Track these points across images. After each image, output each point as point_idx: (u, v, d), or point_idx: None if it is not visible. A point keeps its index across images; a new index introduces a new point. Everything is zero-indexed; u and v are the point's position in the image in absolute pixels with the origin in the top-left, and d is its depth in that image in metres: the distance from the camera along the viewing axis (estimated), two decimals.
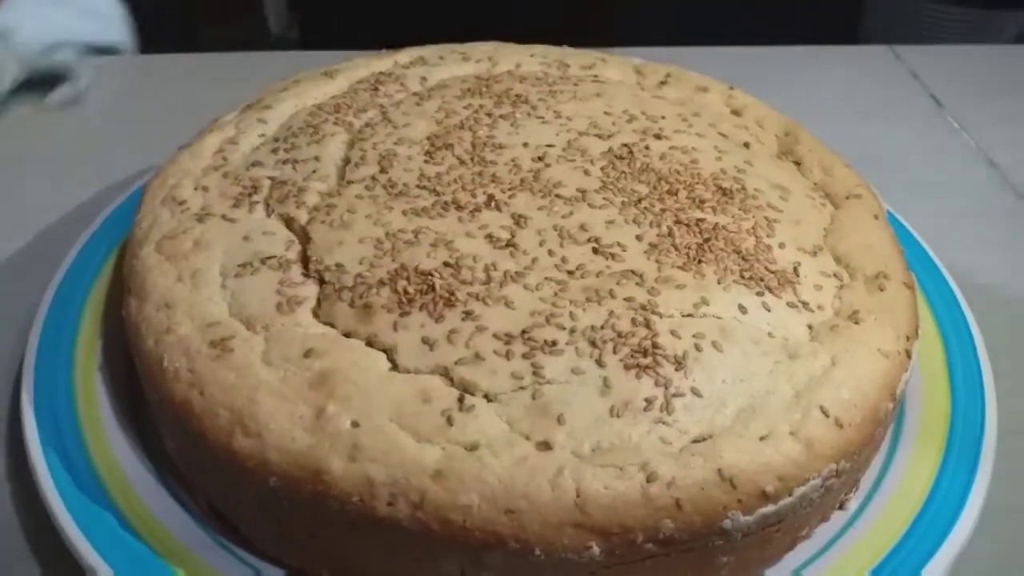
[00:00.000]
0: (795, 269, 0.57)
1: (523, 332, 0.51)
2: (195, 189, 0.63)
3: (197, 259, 0.57)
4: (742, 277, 0.55)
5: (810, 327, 0.55)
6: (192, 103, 0.80)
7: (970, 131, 1.00)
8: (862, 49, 1.24)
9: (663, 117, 0.69)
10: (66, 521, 0.51)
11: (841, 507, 0.56)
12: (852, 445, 0.51)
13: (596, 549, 0.46)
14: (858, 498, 0.57)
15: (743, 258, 0.57)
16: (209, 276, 0.56)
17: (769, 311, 0.54)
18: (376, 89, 0.72)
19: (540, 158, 0.63)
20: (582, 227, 0.58)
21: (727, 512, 0.47)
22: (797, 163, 0.69)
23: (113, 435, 0.57)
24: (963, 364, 0.64)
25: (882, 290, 0.58)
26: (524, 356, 0.50)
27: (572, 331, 0.51)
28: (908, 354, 0.56)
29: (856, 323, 0.55)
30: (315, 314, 0.53)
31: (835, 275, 0.59)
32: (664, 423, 0.48)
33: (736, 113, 0.74)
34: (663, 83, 0.76)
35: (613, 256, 0.56)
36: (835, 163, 0.69)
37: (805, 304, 0.56)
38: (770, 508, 0.48)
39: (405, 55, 0.78)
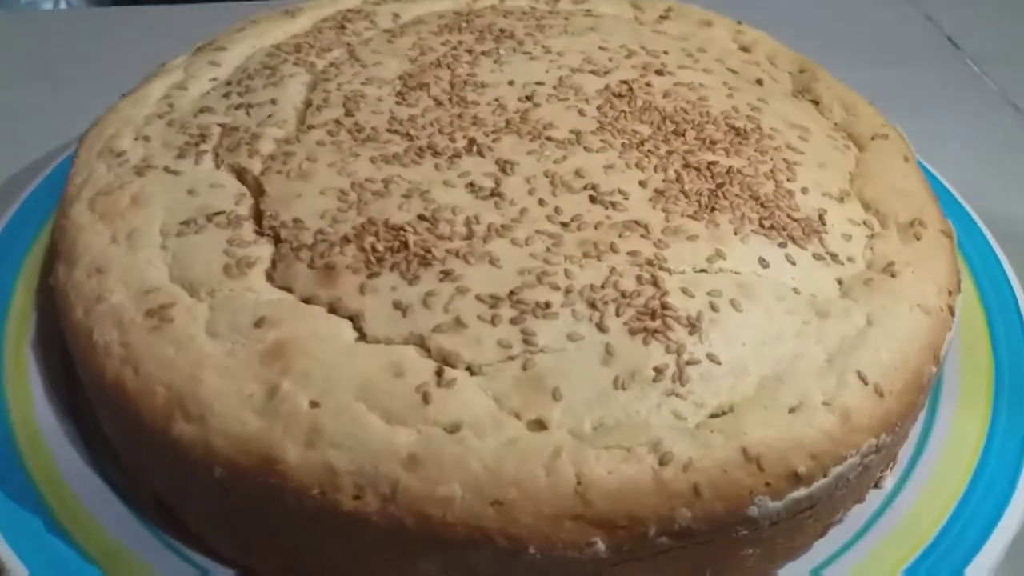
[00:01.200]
0: (821, 217, 0.51)
1: (511, 293, 0.44)
2: (135, 139, 0.55)
3: (135, 217, 0.50)
4: (762, 226, 0.49)
5: (840, 282, 0.48)
6: (149, 59, 0.72)
7: (990, 74, 0.93)
8: None
9: (665, 52, 0.61)
10: None
11: (876, 485, 0.50)
12: (893, 415, 0.45)
13: (600, 545, 0.40)
14: (895, 474, 0.50)
15: (762, 205, 0.50)
16: (148, 236, 0.49)
17: (794, 264, 0.48)
18: (343, 27, 0.64)
19: (528, 97, 0.56)
20: (577, 173, 0.51)
21: (753, 497, 0.41)
22: (815, 102, 0.62)
23: (44, 419, 0.51)
24: (1004, 320, 0.58)
25: (918, 239, 0.52)
26: (512, 321, 0.44)
27: (568, 291, 0.45)
28: (951, 310, 0.50)
29: (892, 276, 0.49)
30: (269, 277, 0.47)
31: (864, 223, 0.52)
32: (677, 395, 0.42)
33: (745, 49, 0.67)
34: (663, 17, 0.68)
35: (613, 205, 0.49)
36: (857, 101, 0.63)
37: (834, 256, 0.49)
38: (802, 492, 0.42)
39: None
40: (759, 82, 0.61)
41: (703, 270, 0.46)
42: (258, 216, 0.49)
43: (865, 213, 0.53)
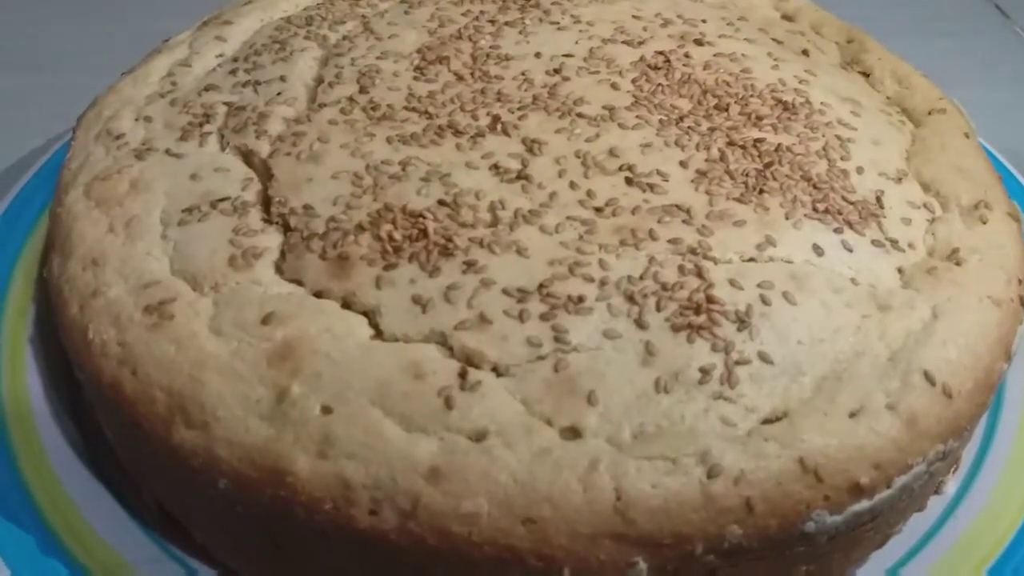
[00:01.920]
0: (878, 199, 0.47)
1: (540, 286, 0.41)
2: (136, 120, 0.52)
3: (133, 204, 0.47)
4: (815, 210, 0.45)
5: (901, 271, 0.45)
6: (161, 35, 0.68)
7: None
8: None
9: (703, 21, 0.57)
10: None
11: (937, 491, 0.46)
12: (963, 419, 0.41)
13: (642, 565, 0.37)
14: (956, 479, 0.47)
15: (814, 186, 0.46)
16: (147, 225, 0.46)
17: (851, 252, 0.44)
18: None
19: (556, 70, 0.52)
20: (611, 152, 0.47)
21: (811, 512, 0.37)
22: (865, 74, 0.58)
23: (41, 419, 0.48)
24: None
25: (983, 223, 0.48)
26: (542, 317, 0.40)
27: (603, 283, 0.41)
28: (1022, 301, 0.45)
29: (957, 264, 0.45)
30: (278, 269, 0.44)
31: (925, 206, 0.48)
32: (726, 399, 0.39)
33: (788, 18, 0.63)
34: None
35: (652, 187, 0.45)
36: (910, 73, 0.58)
37: (894, 242, 0.45)
38: (864, 504, 0.38)
39: None
40: (805, 52, 0.57)
41: (752, 259, 0.43)
42: (266, 202, 0.46)
43: (925, 195, 0.49)
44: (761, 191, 0.45)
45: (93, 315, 0.42)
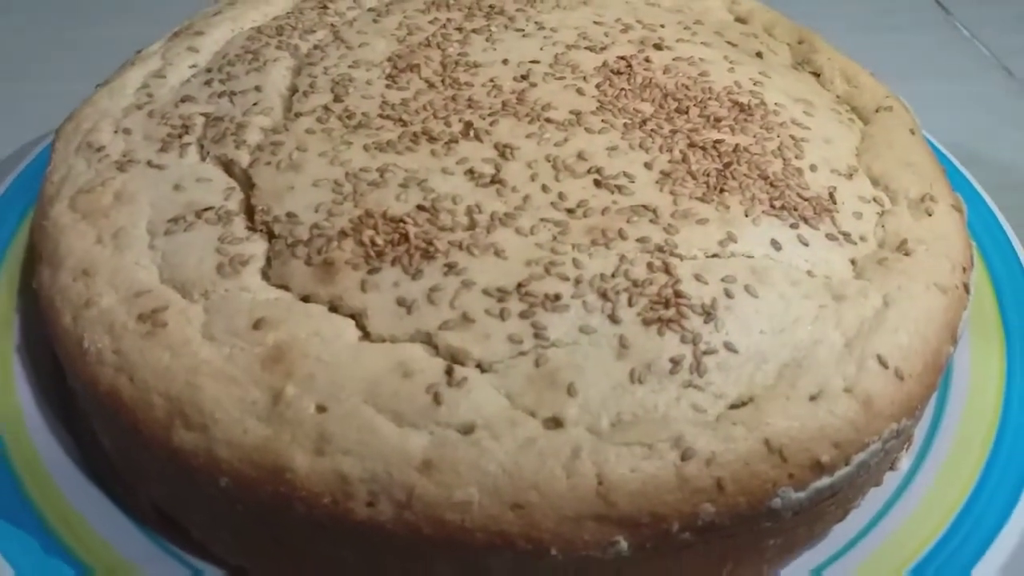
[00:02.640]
0: (831, 195, 0.49)
1: (519, 286, 0.43)
2: (115, 132, 0.53)
3: (119, 216, 0.48)
4: (772, 207, 0.47)
5: (854, 262, 0.47)
6: (117, 43, 0.68)
7: (981, 38, 0.92)
8: None
9: (662, 26, 0.59)
10: None
11: (892, 468, 0.49)
12: (914, 399, 0.44)
13: (623, 544, 0.39)
14: (910, 456, 0.50)
15: (771, 184, 0.48)
16: (134, 235, 0.47)
17: (807, 245, 0.46)
18: (325, 7, 0.62)
19: (524, 76, 0.54)
20: (580, 156, 0.49)
21: (776, 490, 0.40)
22: (816, 74, 0.61)
23: (34, 426, 0.49)
24: (1014, 293, 0.57)
25: (929, 215, 0.50)
26: (522, 315, 0.42)
27: (577, 282, 0.43)
28: (966, 288, 0.49)
29: (906, 255, 0.48)
30: (265, 275, 0.45)
31: (875, 199, 0.51)
32: (696, 387, 0.41)
33: (741, 20, 0.65)
34: None
35: (620, 189, 0.47)
36: (858, 72, 0.61)
37: (846, 235, 0.48)
38: (825, 481, 0.41)
39: None
40: (759, 55, 0.60)
41: (715, 255, 0.45)
42: (249, 211, 0.47)
43: (874, 189, 0.51)
44: (722, 190, 0.47)
45: (87, 325, 0.44)
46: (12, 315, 0.54)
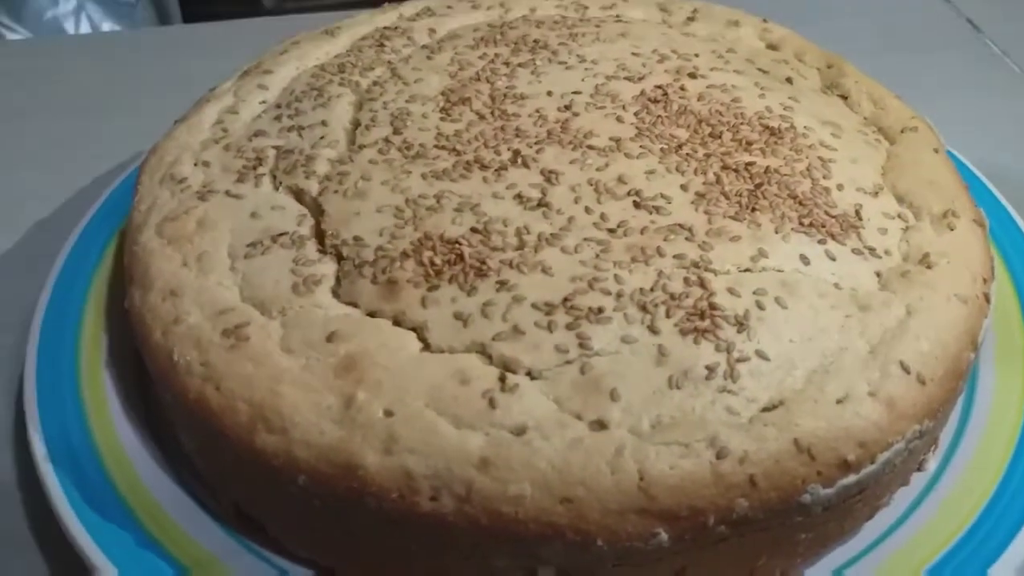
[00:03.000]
0: (857, 212, 0.52)
1: (565, 300, 0.46)
2: (195, 165, 0.58)
3: (202, 241, 0.52)
4: (801, 224, 0.50)
5: (878, 275, 0.50)
6: (188, 77, 0.74)
7: (1013, 55, 0.94)
8: None
9: (696, 55, 0.63)
10: (79, 532, 0.47)
11: (920, 468, 0.52)
12: (935, 402, 0.46)
13: (664, 535, 0.42)
14: (937, 457, 0.52)
15: (800, 203, 0.52)
16: (216, 259, 0.51)
17: (834, 260, 0.49)
18: (382, 45, 0.66)
19: (567, 107, 0.58)
20: (620, 179, 0.53)
21: (806, 486, 0.43)
22: (844, 97, 0.64)
23: (126, 438, 0.52)
24: None
25: (951, 229, 0.53)
26: (568, 327, 0.45)
27: (619, 296, 0.47)
28: (987, 298, 0.51)
29: (928, 267, 0.50)
30: (335, 294, 0.49)
31: (899, 216, 0.54)
32: (729, 392, 0.44)
33: (772, 47, 0.69)
34: (691, 19, 0.70)
35: (657, 209, 0.51)
36: (884, 95, 0.64)
37: (871, 250, 0.51)
38: (851, 478, 0.44)
39: (410, 7, 0.72)
40: (789, 80, 0.63)
41: (747, 269, 0.48)
42: (320, 235, 0.52)
43: (899, 206, 0.54)
44: (753, 209, 0.51)
45: (176, 340, 0.48)
46: (101, 335, 0.58)
